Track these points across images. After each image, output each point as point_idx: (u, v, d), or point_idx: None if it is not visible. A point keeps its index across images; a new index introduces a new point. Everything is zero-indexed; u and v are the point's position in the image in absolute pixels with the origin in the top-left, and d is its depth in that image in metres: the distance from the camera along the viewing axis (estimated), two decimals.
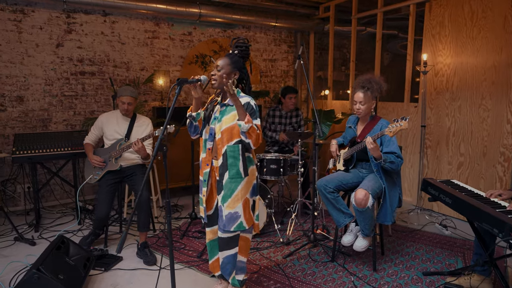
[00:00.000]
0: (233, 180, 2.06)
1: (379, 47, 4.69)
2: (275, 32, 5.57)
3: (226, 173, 2.06)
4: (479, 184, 3.54)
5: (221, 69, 2.06)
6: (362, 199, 2.42)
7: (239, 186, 2.07)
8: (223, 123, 2.06)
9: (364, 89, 2.63)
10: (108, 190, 2.90)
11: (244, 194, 2.09)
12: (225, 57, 2.09)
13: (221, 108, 2.11)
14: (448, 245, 3.14)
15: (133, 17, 4.44)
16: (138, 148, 2.79)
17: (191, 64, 4.91)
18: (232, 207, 2.07)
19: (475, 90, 3.53)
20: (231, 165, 2.06)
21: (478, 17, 3.45)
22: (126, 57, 4.46)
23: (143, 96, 4.61)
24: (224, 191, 2.08)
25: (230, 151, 2.06)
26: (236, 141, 2.06)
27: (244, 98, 2.06)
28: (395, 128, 2.30)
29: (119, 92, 2.98)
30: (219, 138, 2.07)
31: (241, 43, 2.15)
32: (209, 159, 2.15)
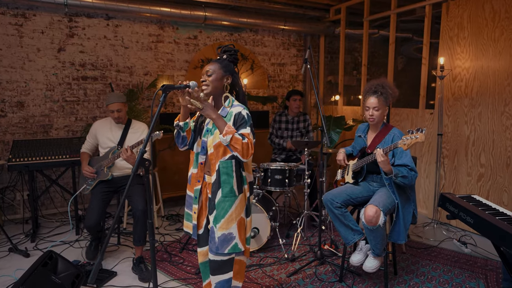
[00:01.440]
0: (227, 198, 1.87)
1: (393, 50, 4.46)
2: (284, 36, 5.40)
3: (219, 191, 1.88)
4: (502, 197, 3.27)
5: (212, 73, 1.88)
6: (372, 216, 2.20)
7: (233, 205, 1.88)
8: (216, 136, 1.88)
9: (377, 94, 2.42)
10: (99, 199, 2.76)
11: (239, 214, 1.90)
12: (214, 62, 1.93)
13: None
14: (468, 265, 2.88)
15: (137, 20, 4.33)
16: (127, 156, 2.62)
17: (196, 69, 4.77)
18: (225, 228, 1.88)
19: (497, 96, 3.27)
20: (224, 182, 1.88)
21: (500, 17, 3.20)
22: (129, 61, 4.35)
23: (146, 101, 4.48)
24: (216, 211, 1.89)
25: (223, 167, 1.88)
26: (229, 156, 1.88)
27: (236, 108, 1.88)
28: (409, 141, 2.08)
29: (106, 101, 2.83)
30: (212, 152, 1.89)
31: (229, 48, 1.99)
32: (201, 174, 1.97)
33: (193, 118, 2.05)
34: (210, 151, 1.89)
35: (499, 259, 2.94)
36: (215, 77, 1.88)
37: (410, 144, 2.07)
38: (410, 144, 2.07)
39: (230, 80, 1.93)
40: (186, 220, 2.07)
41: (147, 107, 4.49)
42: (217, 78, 1.89)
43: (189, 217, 2.04)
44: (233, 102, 1.92)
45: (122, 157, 2.62)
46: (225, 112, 1.89)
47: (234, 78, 1.95)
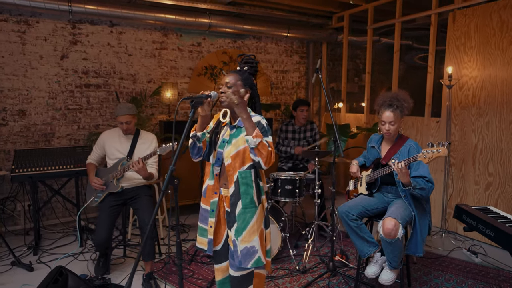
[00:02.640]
0: (248, 210, 1.83)
1: (397, 58, 4.47)
2: (287, 43, 5.39)
3: (239, 203, 1.83)
4: (511, 207, 3.27)
5: (231, 86, 1.85)
6: (391, 229, 2.17)
7: (254, 216, 1.84)
8: (233, 146, 1.84)
9: (392, 107, 2.40)
10: (109, 213, 2.69)
11: (260, 225, 1.86)
12: (234, 74, 1.89)
13: (231, 131, 1.89)
14: (480, 276, 2.87)
15: (141, 27, 4.28)
16: (138, 168, 2.57)
17: (200, 76, 4.73)
18: (248, 241, 1.83)
19: (506, 105, 3.28)
20: (244, 193, 1.83)
21: (508, 27, 3.22)
22: (133, 68, 4.29)
23: (150, 109, 4.42)
24: (237, 223, 1.84)
25: (242, 177, 1.84)
26: (248, 166, 1.84)
27: (254, 117, 1.85)
28: (431, 155, 2.05)
29: (116, 112, 2.76)
30: (230, 163, 1.84)
31: (250, 59, 1.96)
32: (217, 186, 1.92)
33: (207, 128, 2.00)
34: (228, 162, 1.85)
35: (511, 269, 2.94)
36: (234, 90, 1.84)
37: (431, 158, 2.05)
38: (432, 158, 2.05)
39: (249, 94, 1.89)
40: (200, 236, 2.00)
41: (150, 115, 4.43)
42: (235, 91, 1.85)
43: (203, 232, 1.97)
44: (250, 113, 1.88)
45: (134, 169, 2.56)
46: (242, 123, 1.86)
47: (252, 91, 1.92)
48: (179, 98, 4.59)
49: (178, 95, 4.54)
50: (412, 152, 2.39)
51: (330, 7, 5.01)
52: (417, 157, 2.14)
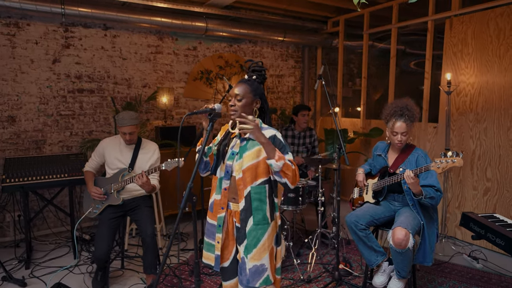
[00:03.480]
0: (259, 226, 1.77)
1: (393, 63, 4.50)
2: (282, 47, 5.36)
3: (250, 219, 1.77)
4: (509, 211, 3.31)
5: (242, 98, 1.77)
6: (402, 239, 2.15)
7: (265, 234, 1.77)
8: (245, 160, 1.77)
9: (404, 117, 2.38)
10: (109, 225, 2.59)
11: (271, 243, 1.79)
12: (243, 84, 1.80)
13: (241, 143, 1.82)
14: (483, 282, 2.88)
15: (136, 31, 4.18)
16: (142, 182, 2.48)
17: (196, 81, 4.65)
18: (257, 259, 1.76)
19: (504, 111, 3.32)
20: (257, 209, 1.77)
21: (506, 34, 3.27)
22: (127, 73, 4.18)
23: (145, 114, 4.32)
24: (247, 240, 1.77)
25: (255, 193, 1.77)
26: (262, 181, 1.78)
27: (268, 131, 1.78)
28: (444, 165, 2.04)
29: (118, 122, 2.64)
30: (240, 177, 1.78)
31: (258, 67, 1.87)
32: (225, 201, 1.85)
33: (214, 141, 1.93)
34: (238, 176, 1.78)
35: None
36: (245, 102, 1.78)
37: (445, 168, 2.04)
38: (445, 168, 2.04)
39: (259, 104, 1.83)
40: (207, 251, 1.92)
41: (146, 121, 4.33)
42: (247, 103, 1.79)
43: (210, 248, 1.89)
44: (261, 125, 1.82)
45: (137, 182, 2.47)
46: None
47: (262, 101, 1.85)
48: (175, 104, 4.50)
49: (174, 100, 4.45)
50: (420, 160, 2.38)
51: (325, 11, 5.01)
52: (429, 167, 2.13)
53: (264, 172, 1.77)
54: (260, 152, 1.76)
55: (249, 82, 1.82)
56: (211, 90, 4.77)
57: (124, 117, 2.63)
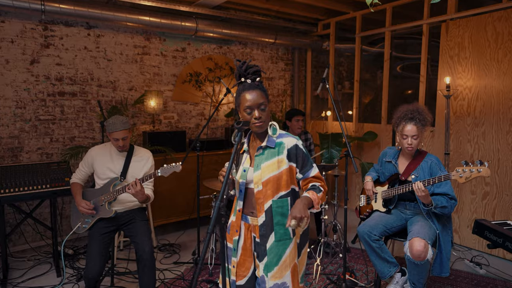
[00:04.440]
0: (281, 242, 1.62)
1: (387, 67, 4.46)
2: (272, 49, 5.23)
3: (272, 235, 1.62)
4: (509, 215, 3.30)
5: (266, 106, 1.62)
6: (421, 251, 2.05)
7: (287, 250, 1.63)
8: (264, 171, 1.62)
9: (415, 121, 2.29)
10: (101, 242, 2.35)
11: (293, 259, 1.65)
12: (258, 90, 1.62)
13: (257, 152, 1.67)
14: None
15: (121, 30, 3.92)
16: (135, 191, 2.26)
17: (185, 83, 4.44)
18: (279, 277, 1.61)
19: (502, 115, 3.32)
20: (278, 224, 1.62)
21: (504, 39, 3.27)
22: (112, 75, 3.92)
23: (131, 119, 4.06)
24: (268, 258, 1.62)
25: (277, 206, 1.62)
26: (284, 194, 1.63)
27: (287, 139, 1.64)
28: (468, 174, 1.95)
29: (108, 127, 2.41)
30: (260, 190, 1.63)
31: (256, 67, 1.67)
32: (239, 223, 1.70)
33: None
34: (258, 189, 1.63)
35: None
36: (268, 110, 1.64)
37: (469, 178, 1.94)
38: (469, 178, 1.94)
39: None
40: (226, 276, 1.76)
41: (132, 126, 4.07)
42: (268, 110, 1.65)
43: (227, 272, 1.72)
44: (275, 132, 1.67)
45: (130, 192, 2.25)
46: (273, 142, 1.64)
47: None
48: (163, 107, 4.27)
49: (163, 104, 4.22)
50: (434, 167, 2.29)
51: (316, 14, 4.92)
52: (450, 176, 2.03)
53: (287, 185, 1.62)
54: (281, 163, 1.61)
55: (260, 85, 1.67)
56: (200, 93, 4.57)
57: (115, 122, 2.41)
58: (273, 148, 1.63)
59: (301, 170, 1.63)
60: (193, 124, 4.56)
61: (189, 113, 4.52)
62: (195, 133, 4.57)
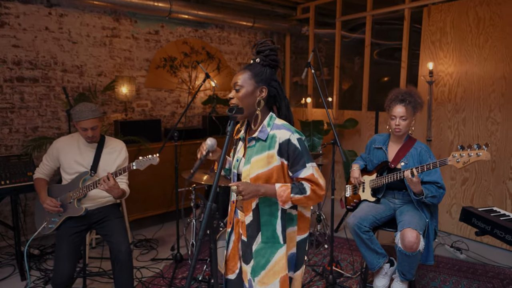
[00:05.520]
0: (268, 245, 1.47)
1: (368, 53, 4.39)
2: (250, 34, 5.03)
3: (258, 236, 1.48)
4: (487, 201, 3.35)
5: (240, 88, 1.45)
6: (414, 242, 1.99)
7: (276, 255, 1.47)
8: (253, 166, 1.45)
9: (404, 102, 2.21)
10: (70, 243, 2.13)
11: (283, 268, 1.47)
12: (243, 70, 1.48)
13: (249, 143, 1.51)
14: (470, 274, 2.87)
15: (87, 10, 3.59)
16: (109, 187, 2.06)
17: (159, 69, 4.17)
18: (266, 283, 1.46)
19: (482, 101, 3.33)
20: (266, 225, 1.47)
21: (485, 24, 3.25)
22: (78, 59, 3.60)
23: (101, 107, 3.77)
24: (254, 261, 1.48)
25: (265, 205, 1.47)
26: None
27: (280, 131, 1.43)
28: (466, 159, 1.88)
29: (75, 116, 2.15)
30: None
31: (264, 47, 1.50)
32: (232, 215, 1.58)
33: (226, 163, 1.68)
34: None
35: (495, 264, 3.00)
36: (245, 93, 1.45)
37: (467, 162, 1.89)
38: (468, 163, 1.88)
39: (265, 92, 1.48)
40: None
41: (102, 114, 3.78)
42: (247, 93, 1.45)
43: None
44: (274, 121, 1.49)
45: (102, 188, 2.04)
46: (264, 134, 1.46)
47: (271, 88, 1.49)
48: (136, 94, 4.00)
49: (136, 91, 3.95)
50: (423, 155, 2.23)
51: None
52: (446, 162, 1.97)
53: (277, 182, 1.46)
54: (271, 159, 1.44)
55: (250, 66, 1.49)
56: (175, 79, 4.33)
57: (82, 109, 2.16)
58: (264, 141, 1.46)
59: (290, 168, 1.45)
60: (168, 112, 4.32)
61: (164, 101, 4.27)
62: (171, 121, 4.34)
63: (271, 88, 1.50)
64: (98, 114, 2.18)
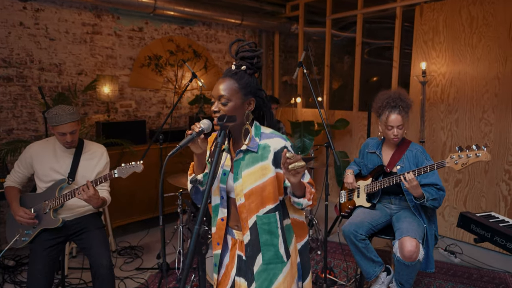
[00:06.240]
0: (271, 266, 1.34)
1: (359, 52, 4.30)
2: (238, 31, 4.89)
3: (259, 257, 1.34)
4: (480, 203, 3.31)
5: (228, 100, 1.30)
6: (413, 251, 1.90)
7: (280, 275, 1.34)
8: (246, 180, 1.32)
9: (398, 109, 2.11)
10: (45, 258, 1.96)
11: (289, 285, 1.36)
12: (228, 79, 1.33)
13: (237, 156, 1.36)
14: (465, 278, 2.81)
15: (65, 5, 3.39)
16: (88, 196, 1.90)
17: (143, 67, 3.99)
18: None
19: (476, 102, 3.28)
20: (266, 244, 1.34)
21: (478, 24, 3.19)
22: (57, 57, 3.40)
23: (82, 107, 3.58)
24: (256, 283, 1.34)
25: (263, 223, 1.33)
26: (270, 208, 1.34)
27: (273, 140, 1.32)
28: (465, 160, 1.79)
29: (52, 120, 1.98)
30: (242, 204, 1.34)
31: (250, 51, 1.36)
32: (221, 235, 1.40)
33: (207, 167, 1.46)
34: (240, 202, 1.34)
35: (490, 268, 2.95)
36: (233, 106, 1.31)
37: (466, 164, 1.80)
38: (466, 164, 1.80)
39: (253, 105, 1.36)
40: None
41: (83, 115, 3.60)
42: (236, 106, 1.31)
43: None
44: (260, 131, 1.37)
45: (81, 197, 1.88)
46: (255, 145, 1.33)
47: (258, 99, 1.37)
48: (119, 94, 3.81)
49: (119, 91, 3.77)
50: (419, 157, 2.14)
51: None
52: (444, 164, 1.87)
53: (273, 197, 1.33)
54: (265, 170, 1.31)
55: (236, 75, 1.33)
56: (161, 78, 4.16)
57: (59, 113, 1.99)
58: (255, 153, 1.33)
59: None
60: (153, 113, 4.14)
61: (149, 101, 4.10)
62: (156, 122, 4.17)
63: (258, 99, 1.38)
64: (76, 117, 2.01)
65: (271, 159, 1.31)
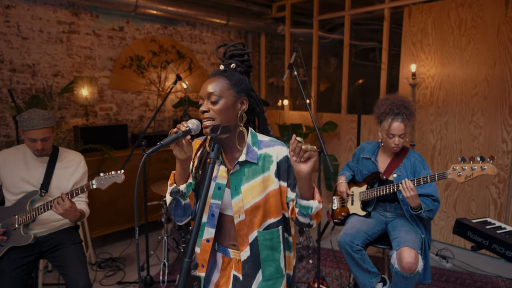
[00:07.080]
0: (271, 282, 1.24)
1: (347, 53, 4.24)
2: (224, 32, 4.76)
3: (259, 273, 1.24)
4: (470, 206, 3.28)
5: (218, 98, 1.17)
6: (412, 262, 1.81)
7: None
8: (247, 196, 1.20)
9: (401, 117, 2.03)
10: (15, 279, 1.78)
11: None
12: (218, 77, 1.21)
13: (234, 168, 1.23)
14: (458, 284, 2.76)
15: (39, 2, 3.18)
16: (64, 209, 1.73)
17: (124, 69, 3.81)
18: None
19: (465, 105, 3.25)
20: (267, 260, 1.23)
21: (467, 26, 3.17)
22: (30, 57, 3.19)
23: (58, 111, 3.37)
24: None
25: (264, 239, 1.22)
26: (274, 222, 1.23)
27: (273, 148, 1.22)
28: (469, 172, 1.72)
29: (23, 124, 1.80)
30: (242, 221, 1.21)
31: (239, 51, 1.27)
32: (206, 257, 1.26)
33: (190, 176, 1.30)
34: (239, 219, 1.22)
35: (482, 272, 2.92)
36: (225, 105, 1.17)
37: (469, 177, 1.72)
38: (470, 177, 1.72)
39: (246, 104, 1.24)
40: None
41: (60, 119, 3.39)
42: (228, 105, 1.18)
43: None
44: (256, 138, 1.26)
45: (56, 211, 1.71)
46: (253, 155, 1.22)
47: (251, 100, 1.26)
48: (98, 97, 3.62)
49: (98, 94, 3.57)
50: (417, 165, 2.07)
51: None
52: (446, 175, 1.80)
53: (276, 210, 1.22)
54: (267, 182, 1.20)
55: (226, 73, 1.22)
56: (143, 80, 3.98)
57: (32, 117, 1.81)
58: (256, 164, 1.22)
59: (294, 187, 1.22)
60: (135, 116, 3.96)
61: (131, 104, 3.91)
62: (139, 126, 3.98)
63: (251, 100, 1.27)
64: (51, 123, 1.84)
65: (274, 170, 1.21)
